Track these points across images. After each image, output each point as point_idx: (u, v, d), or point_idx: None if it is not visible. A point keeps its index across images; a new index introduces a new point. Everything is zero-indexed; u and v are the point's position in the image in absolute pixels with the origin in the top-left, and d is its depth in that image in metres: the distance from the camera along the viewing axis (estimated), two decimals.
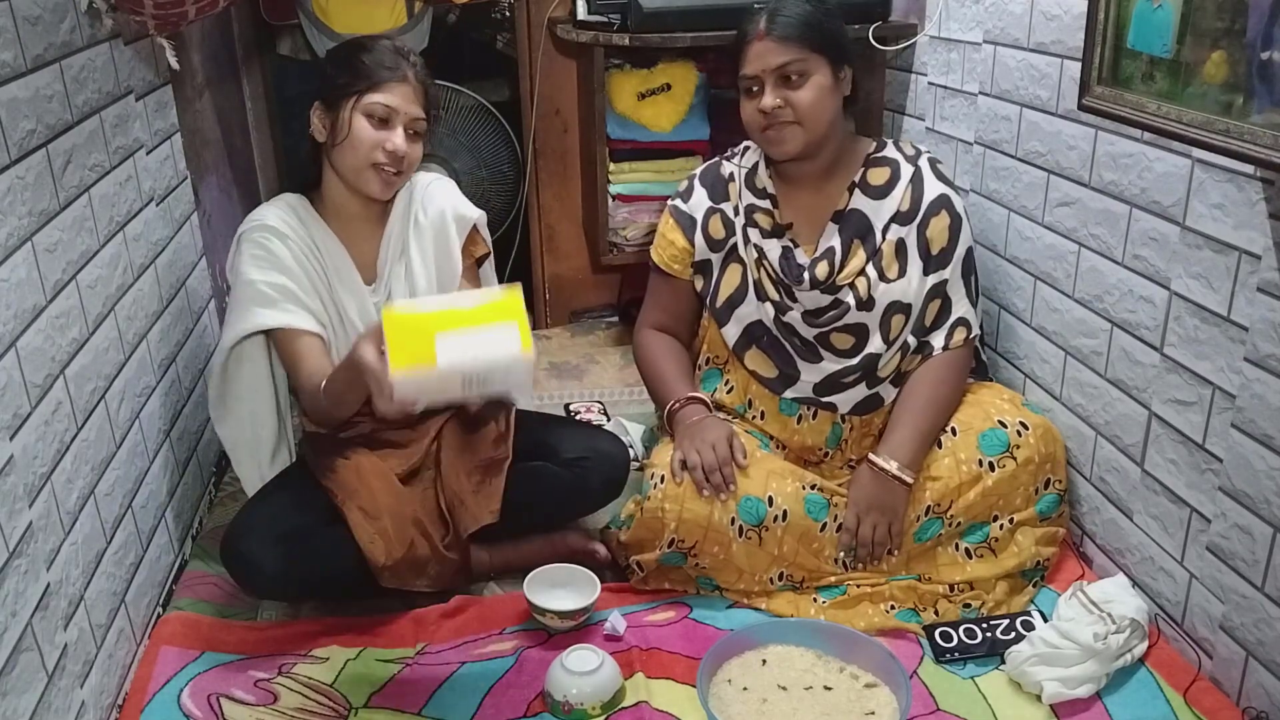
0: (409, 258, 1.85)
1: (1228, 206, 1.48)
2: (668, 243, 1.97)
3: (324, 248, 1.81)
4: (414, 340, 1.38)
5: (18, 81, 1.41)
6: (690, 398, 1.89)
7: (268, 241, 1.77)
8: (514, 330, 1.39)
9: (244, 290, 1.76)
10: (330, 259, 1.81)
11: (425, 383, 1.39)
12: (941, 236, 1.88)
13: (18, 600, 1.30)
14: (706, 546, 1.76)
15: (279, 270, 1.77)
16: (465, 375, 1.38)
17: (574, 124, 2.87)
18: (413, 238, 1.86)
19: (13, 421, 1.33)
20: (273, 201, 1.85)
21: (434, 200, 1.88)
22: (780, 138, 1.80)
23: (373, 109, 1.72)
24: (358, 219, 1.84)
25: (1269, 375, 1.43)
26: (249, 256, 1.77)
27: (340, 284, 1.81)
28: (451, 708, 1.60)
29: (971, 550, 1.82)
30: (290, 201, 1.85)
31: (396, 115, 1.73)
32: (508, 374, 1.41)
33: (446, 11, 2.96)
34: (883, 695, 1.59)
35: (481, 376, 1.39)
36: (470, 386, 1.41)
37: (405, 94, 1.74)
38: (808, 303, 1.87)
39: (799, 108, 1.78)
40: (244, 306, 1.77)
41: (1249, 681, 1.52)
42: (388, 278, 1.85)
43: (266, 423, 1.91)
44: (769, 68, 1.78)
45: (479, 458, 1.85)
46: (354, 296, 1.82)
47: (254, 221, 1.80)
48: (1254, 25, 1.26)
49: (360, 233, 1.85)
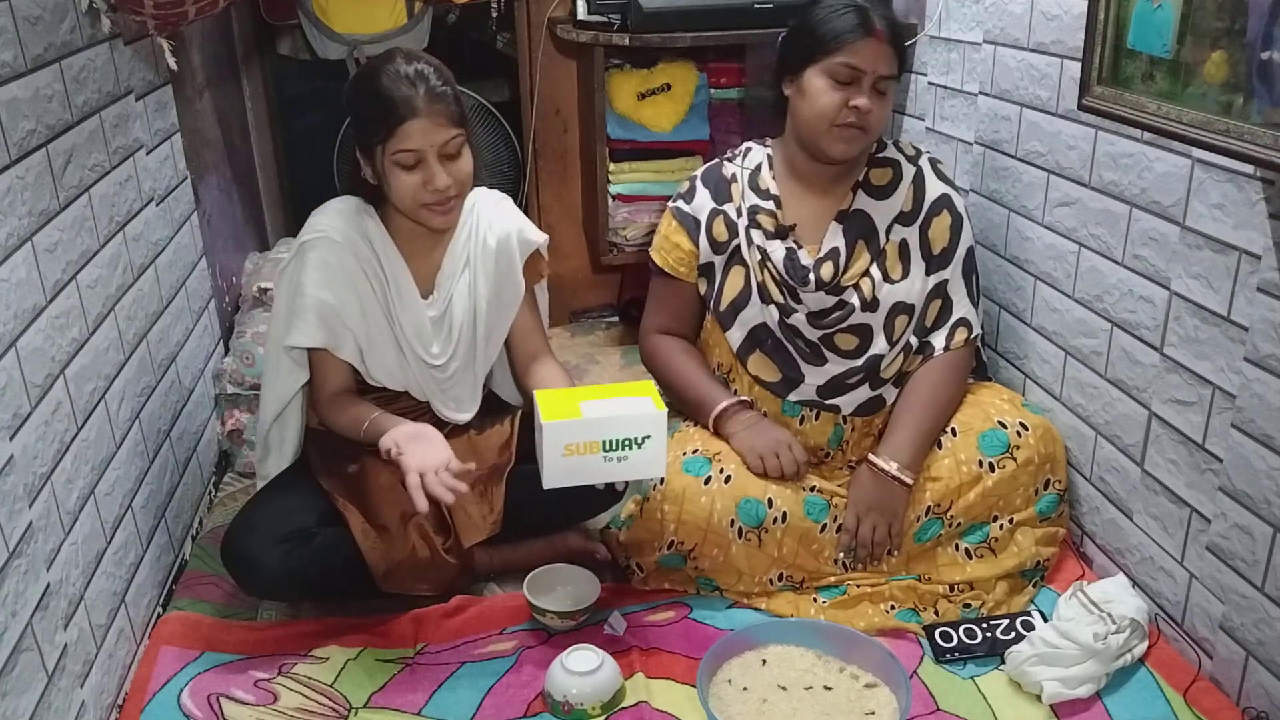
0: (473, 275, 1.83)
1: (1228, 206, 1.48)
2: (672, 245, 1.95)
3: (384, 258, 1.78)
4: (561, 403, 1.57)
5: (18, 81, 1.41)
6: (740, 401, 1.88)
7: (329, 256, 1.74)
8: (648, 398, 1.58)
9: (300, 301, 1.74)
10: (391, 273, 1.78)
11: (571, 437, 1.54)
12: (943, 236, 1.88)
13: (18, 600, 1.30)
14: (706, 548, 1.76)
15: (336, 286, 1.74)
16: (606, 434, 1.53)
17: (574, 124, 2.87)
18: (479, 256, 1.83)
19: (13, 421, 1.34)
20: (337, 208, 1.80)
21: (501, 221, 1.85)
22: (850, 137, 1.78)
23: (402, 159, 1.66)
24: (421, 236, 1.81)
25: (1269, 375, 1.43)
26: (310, 268, 1.74)
27: (397, 295, 1.79)
28: (451, 708, 1.60)
29: (971, 550, 1.82)
30: (356, 207, 1.80)
31: (426, 153, 1.66)
32: (641, 428, 1.54)
33: (446, 11, 2.95)
34: (883, 695, 1.59)
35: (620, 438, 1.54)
36: (611, 457, 1.55)
37: (424, 127, 1.64)
38: (812, 304, 1.87)
39: (875, 119, 1.78)
40: (298, 317, 1.74)
41: (1249, 681, 1.52)
42: (449, 293, 1.82)
43: (292, 422, 1.89)
44: (878, 72, 1.75)
45: (483, 464, 1.85)
46: (409, 309, 1.80)
47: (318, 233, 1.75)
48: (1254, 25, 1.26)
49: (423, 248, 1.82)
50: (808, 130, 1.82)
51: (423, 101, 1.64)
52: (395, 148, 1.65)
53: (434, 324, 1.82)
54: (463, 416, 1.88)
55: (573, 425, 1.53)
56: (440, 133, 1.66)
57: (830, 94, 1.77)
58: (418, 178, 1.68)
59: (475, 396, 1.90)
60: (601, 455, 1.55)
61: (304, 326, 1.74)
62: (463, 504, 1.80)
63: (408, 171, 1.68)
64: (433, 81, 1.67)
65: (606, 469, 1.57)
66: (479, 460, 1.86)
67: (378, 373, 1.81)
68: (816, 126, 1.79)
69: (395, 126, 1.64)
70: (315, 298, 1.73)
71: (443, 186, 1.68)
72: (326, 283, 1.74)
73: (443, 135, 1.67)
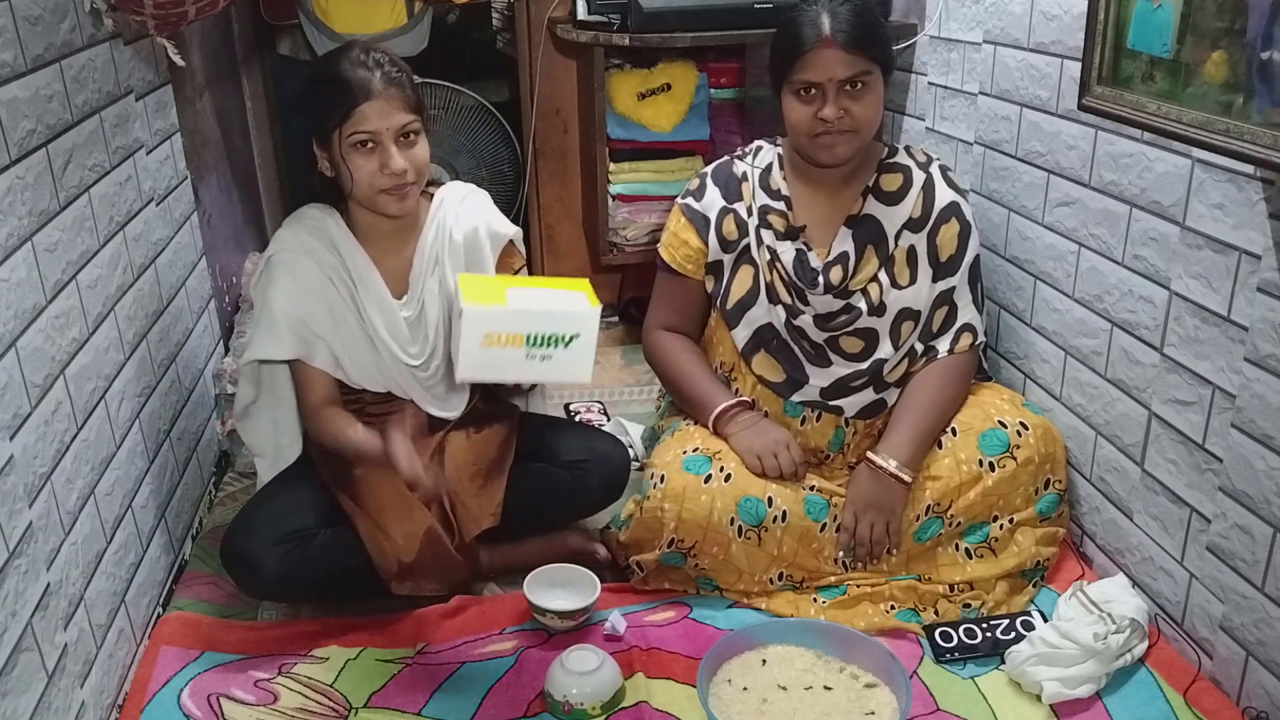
0: (443, 272, 1.82)
1: (1228, 206, 1.48)
2: (680, 242, 1.94)
3: (352, 264, 1.78)
4: (487, 289, 1.44)
5: (18, 81, 1.41)
6: (740, 402, 1.88)
7: (294, 267, 1.75)
8: (582, 294, 1.45)
9: (268, 316, 1.75)
10: (358, 275, 1.78)
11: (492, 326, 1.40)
12: (951, 244, 1.88)
13: (18, 600, 1.30)
14: (706, 547, 1.76)
15: (301, 297, 1.75)
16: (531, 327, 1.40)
17: (574, 124, 2.87)
18: (446, 253, 1.82)
19: (13, 421, 1.34)
20: (300, 219, 1.80)
21: (468, 215, 1.84)
22: (834, 144, 1.78)
23: (358, 140, 1.66)
24: (388, 235, 1.81)
25: (1269, 375, 1.43)
26: (277, 282, 1.75)
27: (368, 299, 1.78)
28: (451, 708, 1.60)
29: (971, 550, 1.82)
30: (318, 216, 1.80)
31: (382, 134, 1.66)
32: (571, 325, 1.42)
33: (446, 11, 2.96)
34: (883, 695, 1.60)
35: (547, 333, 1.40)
36: (534, 354, 1.41)
37: (381, 109, 1.65)
38: (819, 307, 1.87)
39: (857, 118, 1.76)
40: (266, 330, 1.75)
41: (1249, 681, 1.52)
42: (421, 292, 1.81)
43: (288, 429, 1.90)
44: (835, 78, 1.73)
45: (483, 460, 1.85)
46: (382, 311, 1.79)
47: (280, 246, 1.77)
48: (1254, 25, 1.26)
49: (390, 247, 1.81)
50: (794, 141, 1.84)
51: (379, 84, 1.66)
52: (351, 129, 1.66)
53: (410, 325, 1.81)
54: (450, 414, 1.87)
55: (496, 313, 1.41)
56: (397, 116, 1.67)
57: (799, 109, 1.78)
58: (374, 162, 1.68)
59: (461, 393, 1.88)
60: (524, 350, 1.42)
61: (273, 339, 1.75)
62: (462, 498, 1.81)
63: (365, 156, 1.67)
64: (388, 68, 1.69)
65: (527, 367, 1.44)
66: (478, 458, 1.86)
67: (357, 376, 1.81)
68: (799, 140, 1.82)
69: (351, 109, 1.65)
70: (283, 310, 1.74)
71: (399, 169, 1.67)
72: (291, 294, 1.75)
73: (399, 119, 1.67)
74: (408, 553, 1.75)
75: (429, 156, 1.75)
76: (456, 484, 1.82)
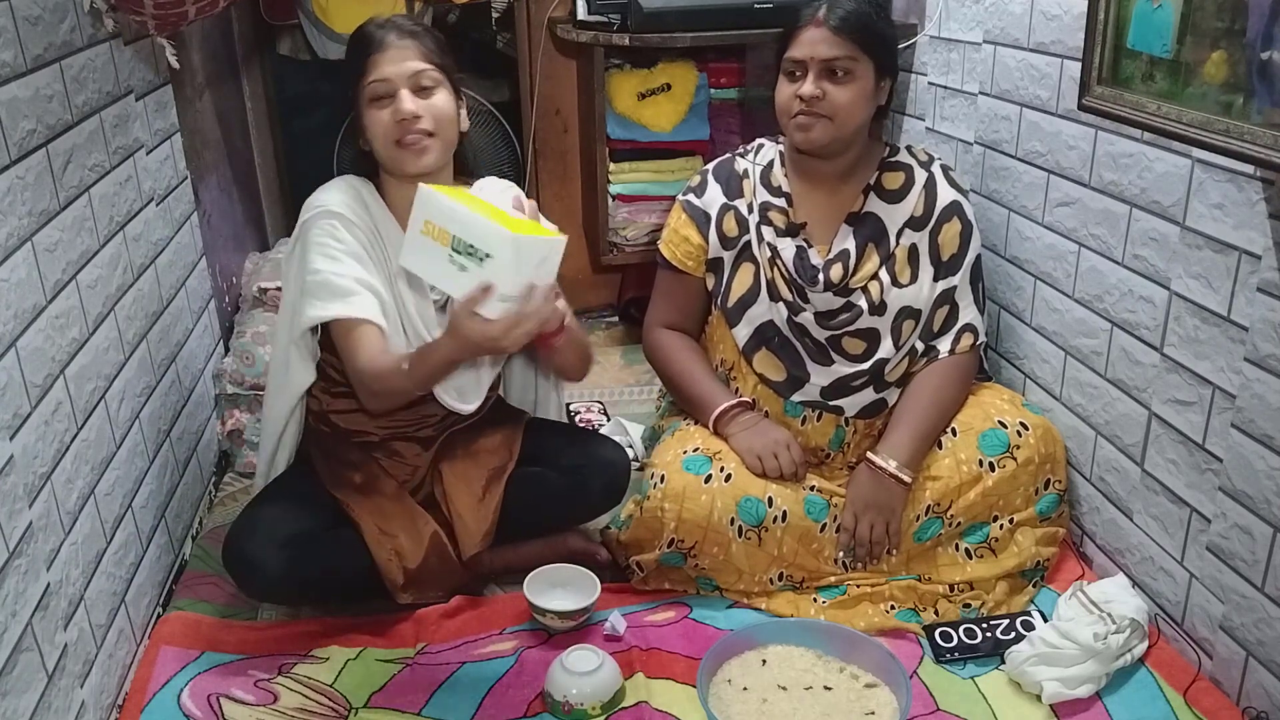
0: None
1: (1228, 206, 1.48)
2: (681, 239, 1.94)
3: (386, 235, 1.74)
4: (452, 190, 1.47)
5: (18, 81, 1.41)
6: (740, 402, 1.88)
7: (334, 229, 1.69)
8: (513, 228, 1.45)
9: (311, 279, 1.67)
10: (392, 246, 1.72)
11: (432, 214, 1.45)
12: (952, 243, 1.88)
13: (18, 600, 1.30)
14: (706, 547, 1.76)
15: (348, 257, 1.68)
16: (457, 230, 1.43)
17: (574, 124, 2.87)
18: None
19: (13, 421, 1.34)
20: (334, 184, 1.75)
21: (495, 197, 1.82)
22: (809, 125, 1.79)
23: (373, 92, 1.66)
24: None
25: (1269, 375, 1.43)
26: (315, 245, 1.68)
27: (400, 275, 1.73)
28: (451, 708, 1.60)
29: (971, 550, 1.82)
30: (354, 184, 1.76)
31: (394, 82, 1.65)
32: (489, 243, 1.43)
33: (446, 11, 2.96)
34: (883, 695, 1.60)
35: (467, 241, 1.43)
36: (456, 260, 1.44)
37: (395, 57, 1.65)
38: (820, 305, 1.87)
39: (835, 104, 1.77)
40: (311, 295, 1.67)
41: (1249, 681, 1.52)
42: None
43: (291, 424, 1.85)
44: (817, 57, 1.76)
45: (485, 465, 1.85)
46: (413, 288, 1.75)
47: (318, 208, 1.70)
48: (1254, 25, 1.26)
49: None
50: (781, 126, 1.86)
51: (394, 36, 1.68)
52: (368, 84, 1.66)
53: (438, 310, 1.78)
54: (466, 407, 1.83)
55: (440, 202, 1.44)
56: (410, 64, 1.66)
57: (784, 89, 1.81)
58: (389, 112, 1.66)
59: (479, 388, 1.85)
60: (449, 252, 1.44)
61: (318, 302, 1.66)
62: (460, 513, 1.80)
63: (380, 108, 1.67)
64: (404, 25, 1.70)
65: (448, 273, 1.45)
66: (478, 464, 1.85)
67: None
68: (782, 121, 1.84)
69: (366, 59, 1.66)
70: (327, 271, 1.66)
71: (408, 111, 1.65)
72: (335, 256, 1.68)
73: (413, 66, 1.67)
74: (413, 559, 1.74)
75: (454, 113, 1.72)
76: (457, 491, 1.81)
